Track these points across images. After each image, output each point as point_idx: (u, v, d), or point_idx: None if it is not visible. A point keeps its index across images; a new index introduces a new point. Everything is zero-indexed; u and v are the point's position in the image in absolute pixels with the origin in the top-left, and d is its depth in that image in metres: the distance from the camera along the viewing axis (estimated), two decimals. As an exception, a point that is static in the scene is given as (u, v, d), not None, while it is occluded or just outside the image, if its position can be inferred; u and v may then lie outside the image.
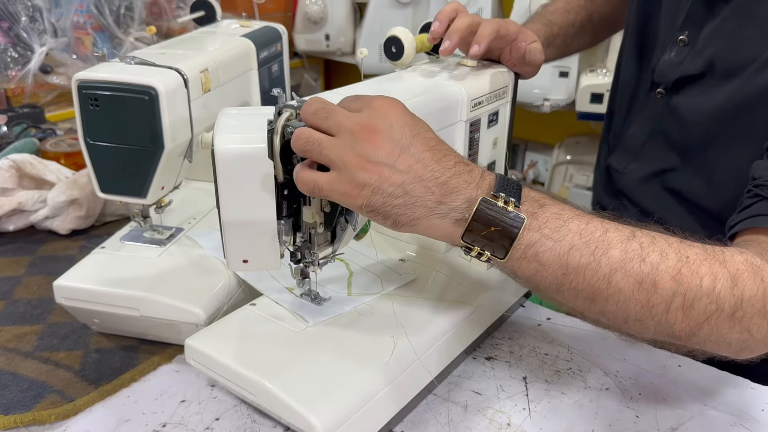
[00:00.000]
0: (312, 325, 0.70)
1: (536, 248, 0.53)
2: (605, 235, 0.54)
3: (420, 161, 0.53)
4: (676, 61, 0.86)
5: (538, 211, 0.54)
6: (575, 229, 0.54)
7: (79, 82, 0.73)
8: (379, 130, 0.54)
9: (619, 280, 0.53)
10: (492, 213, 0.52)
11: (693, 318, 0.54)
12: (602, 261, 0.53)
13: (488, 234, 0.53)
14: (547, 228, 0.53)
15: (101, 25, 1.81)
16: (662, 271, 0.53)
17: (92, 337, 0.84)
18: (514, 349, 0.84)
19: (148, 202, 0.79)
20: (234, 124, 0.62)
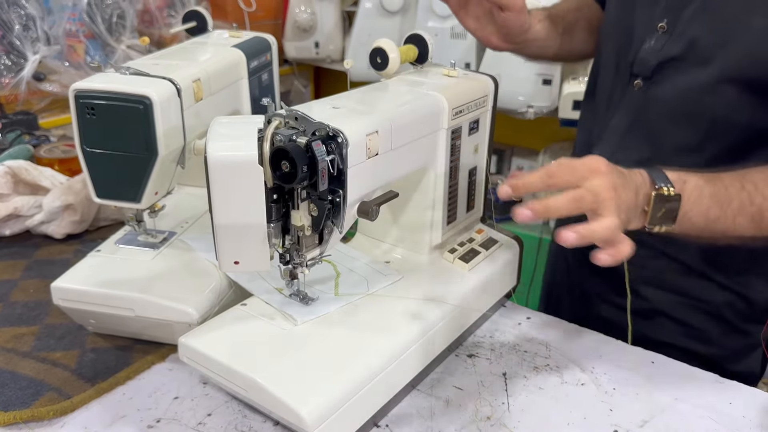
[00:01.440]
0: (300, 324, 0.73)
1: (689, 214, 0.75)
2: (727, 192, 0.76)
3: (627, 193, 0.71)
4: (656, 48, 0.89)
5: (684, 187, 0.75)
6: (708, 194, 0.76)
7: (76, 91, 0.76)
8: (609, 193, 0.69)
9: (740, 221, 0.77)
10: (662, 201, 0.73)
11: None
12: (728, 212, 0.76)
13: (662, 214, 0.74)
14: (692, 198, 0.75)
15: (93, 33, 1.84)
16: (764, 208, 0.77)
17: (88, 337, 0.86)
18: (495, 347, 0.87)
19: (143, 207, 0.82)
20: (226, 133, 0.65)
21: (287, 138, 0.65)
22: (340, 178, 0.67)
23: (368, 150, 0.69)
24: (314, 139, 0.65)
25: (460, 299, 0.82)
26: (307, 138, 0.65)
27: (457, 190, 0.88)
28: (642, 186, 0.73)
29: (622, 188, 0.70)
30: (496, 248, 0.92)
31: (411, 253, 0.88)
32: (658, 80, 0.90)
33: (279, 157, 0.64)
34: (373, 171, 0.71)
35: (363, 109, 0.73)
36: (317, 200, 0.69)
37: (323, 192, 0.67)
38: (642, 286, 0.99)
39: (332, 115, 0.69)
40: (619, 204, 0.68)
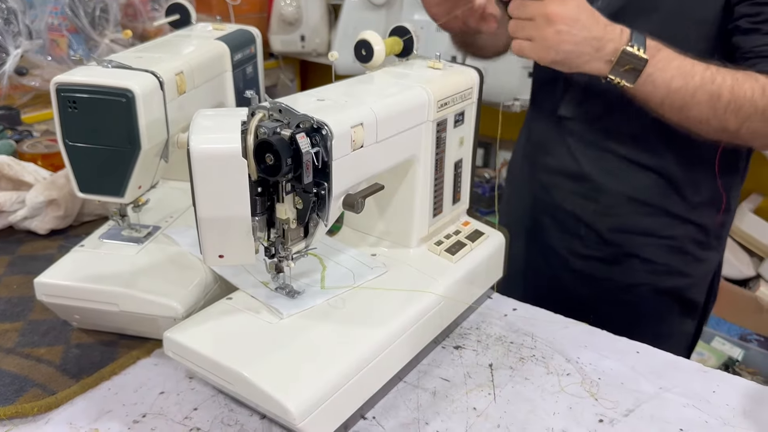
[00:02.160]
0: (286, 317, 0.73)
1: (652, 77, 0.84)
2: (693, 68, 0.85)
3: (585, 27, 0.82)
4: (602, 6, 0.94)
5: (656, 54, 0.84)
6: (675, 66, 0.85)
7: (58, 85, 0.76)
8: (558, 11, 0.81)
9: (700, 95, 0.84)
10: (629, 57, 0.83)
11: (741, 117, 0.84)
12: (690, 83, 0.84)
13: (625, 70, 0.84)
14: (660, 63, 0.84)
15: (76, 27, 1.82)
16: (724, 87, 0.84)
17: (72, 333, 0.86)
18: (481, 338, 0.87)
19: (126, 201, 0.81)
20: (209, 125, 0.65)
21: (271, 130, 0.65)
22: (324, 170, 0.67)
23: (353, 142, 0.69)
24: (298, 131, 0.65)
25: (446, 291, 0.82)
26: (291, 130, 0.65)
27: (443, 183, 0.88)
28: (614, 40, 0.83)
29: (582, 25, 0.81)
30: (482, 240, 0.92)
31: (397, 246, 0.88)
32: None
33: (263, 150, 0.64)
34: (358, 163, 0.71)
35: (348, 101, 0.72)
36: (302, 193, 0.68)
37: (308, 185, 0.67)
38: (612, 233, 1.08)
39: (317, 108, 0.69)
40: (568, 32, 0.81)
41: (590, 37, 0.82)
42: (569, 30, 0.81)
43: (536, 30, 0.82)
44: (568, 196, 1.10)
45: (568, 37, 0.81)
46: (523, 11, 0.83)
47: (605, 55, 0.83)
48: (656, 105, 0.87)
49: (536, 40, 0.82)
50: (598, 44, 0.82)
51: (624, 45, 0.82)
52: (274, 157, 0.64)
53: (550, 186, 1.12)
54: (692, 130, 0.89)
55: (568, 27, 0.80)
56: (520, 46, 0.84)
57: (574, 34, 0.81)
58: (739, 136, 0.87)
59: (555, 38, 0.81)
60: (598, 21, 0.83)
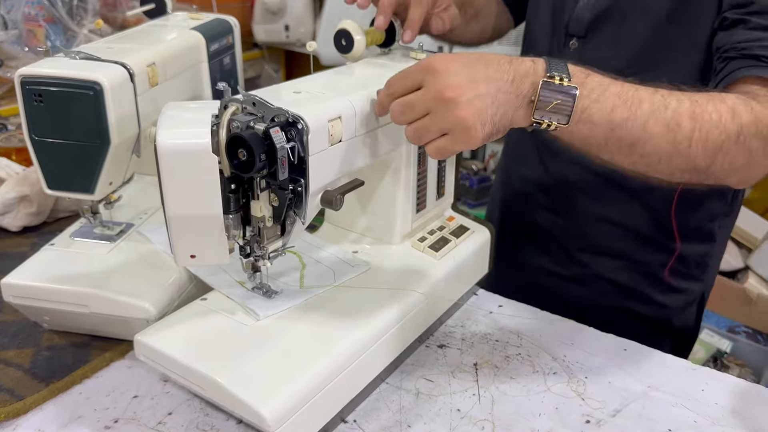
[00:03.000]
0: (262, 318, 0.70)
1: (588, 112, 0.65)
2: (636, 93, 0.66)
3: (490, 79, 0.64)
4: (589, 4, 0.89)
5: (585, 81, 0.66)
6: (614, 92, 0.66)
7: (23, 77, 0.72)
8: (453, 83, 0.63)
9: (652, 125, 0.66)
10: (551, 90, 0.64)
11: (710, 148, 0.67)
12: (638, 113, 0.66)
13: (552, 107, 0.65)
14: (594, 94, 0.65)
15: (53, 17, 1.77)
16: (681, 113, 0.66)
17: (43, 334, 0.83)
18: (466, 337, 0.85)
19: (96, 198, 0.78)
20: (177, 119, 0.62)
21: (244, 125, 0.62)
22: (301, 166, 0.64)
23: (331, 137, 0.66)
24: (273, 125, 0.62)
25: (430, 289, 0.80)
26: (265, 124, 0.62)
27: (426, 177, 0.86)
28: (529, 74, 0.65)
29: (484, 81, 0.63)
30: (467, 236, 0.89)
31: (380, 243, 0.86)
32: (593, 37, 0.90)
33: (235, 145, 0.61)
34: (337, 158, 0.68)
35: (326, 93, 0.70)
36: (278, 190, 0.66)
37: (284, 181, 0.64)
38: (581, 253, 1.01)
39: (293, 101, 0.66)
40: (476, 97, 0.63)
41: (502, 84, 0.64)
42: (476, 93, 0.62)
43: (442, 120, 0.63)
44: (538, 209, 1.04)
45: (481, 102, 0.62)
46: (411, 111, 0.65)
47: (526, 96, 0.65)
48: (600, 148, 0.68)
49: (452, 130, 0.63)
50: (514, 87, 0.64)
51: (542, 77, 0.64)
52: (246, 152, 0.61)
53: (522, 195, 1.06)
54: (653, 175, 0.71)
55: (473, 91, 0.62)
56: (439, 147, 0.65)
57: (484, 93, 0.63)
58: (712, 174, 0.69)
59: (470, 113, 0.62)
60: (499, 62, 0.65)
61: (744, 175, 0.71)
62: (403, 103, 0.66)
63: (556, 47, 0.95)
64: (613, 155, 0.69)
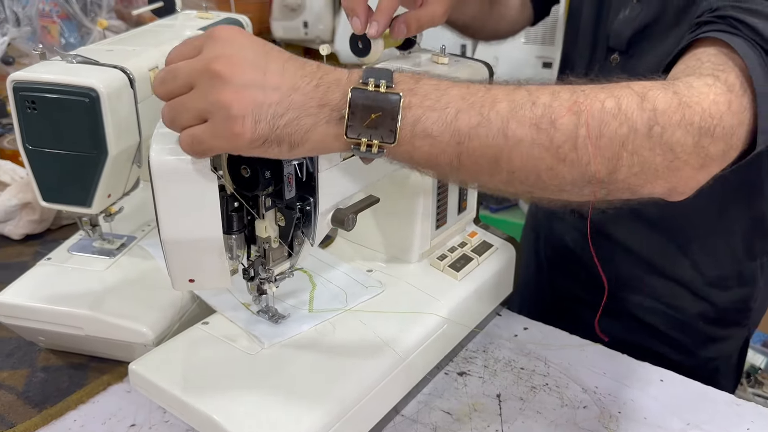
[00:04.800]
0: (267, 347, 0.65)
1: (423, 123, 0.49)
2: (489, 93, 0.50)
3: (286, 73, 0.49)
4: (630, 17, 0.82)
5: (415, 87, 0.50)
6: (457, 95, 0.49)
7: (15, 83, 0.68)
8: (231, 56, 0.48)
9: (515, 129, 0.49)
10: (366, 99, 0.48)
11: (606, 147, 0.49)
12: (491, 116, 0.49)
13: (370, 122, 0.48)
14: (428, 100, 0.49)
15: (67, 14, 1.73)
16: (557, 107, 0.49)
17: (40, 353, 0.78)
18: (489, 363, 0.79)
19: (93, 212, 0.73)
20: (174, 133, 0.56)
21: (248, 138, 0.57)
22: (309, 183, 0.58)
23: (343, 151, 0.60)
24: (279, 139, 0.56)
25: (451, 313, 0.74)
26: (271, 138, 0.56)
27: (447, 190, 0.80)
28: (341, 83, 0.49)
29: (276, 73, 0.48)
30: (490, 253, 0.83)
31: (396, 261, 0.80)
32: (635, 53, 0.82)
33: (238, 161, 0.56)
34: (349, 174, 0.62)
35: (338, 102, 0.63)
36: (284, 209, 0.60)
37: (291, 200, 0.58)
38: (611, 284, 0.90)
39: (302, 111, 0.60)
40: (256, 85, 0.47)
41: (301, 85, 0.48)
42: (259, 80, 0.47)
43: (202, 99, 0.48)
44: (569, 230, 0.96)
45: (262, 94, 0.47)
46: (172, 81, 0.49)
47: (334, 108, 0.48)
48: (453, 168, 0.51)
49: (212, 115, 0.48)
50: (318, 93, 0.48)
51: (354, 84, 0.49)
52: (250, 169, 0.55)
53: (553, 211, 0.99)
54: (539, 196, 0.53)
55: (254, 75, 0.47)
56: (192, 136, 0.49)
57: (271, 86, 0.47)
58: (621, 183, 0.51)
59: (240, 99, 0.47)
60: (305, 63, 0.50)
61: (672, 181, 0.52)
62: (166, 71, 0.50)
63: (597, 61, 0.87)
64: (475, 176, 0.52)
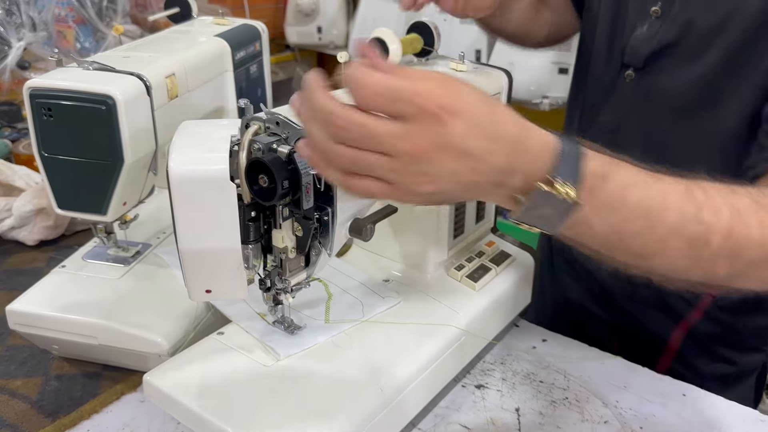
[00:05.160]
0: (283, 358, 0.64)
1: (589, 220, 0.50)
2: (665, 200, 0.52)
3: (481, 161, 0.47)
4: (648, 35, 0.79)
5: (600, 186, 0.50)
6: (635, 200, 0.51)
7: (31, 90, 0.67)
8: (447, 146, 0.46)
9: (672, 242, 0.52)
10: (547, 201, 0.49)
11: (737, 266, 0.54)
12: (658, 225, 0.52)
13: (540, 214, 0.50)
14: (604, 207, 0.50)
15: (83, 18, 1.74)
16: (715, 231, 0.52)
17: (53, 361, 0.78)
18: (507, 376, 0.78)
19: (109, 219, 0.72)
20: (193, 141, 0.56)
21: (267, 147, 0.56)
22: (327, 193, 0.57)
23: (361, 160, 0.59)
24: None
25: (468, 325, 0.73)
26: (289, 147, 0.55)
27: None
28: (524, 168, 0.48)
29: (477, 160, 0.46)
30: (508, 263, 0.82)
31: (413, 271, 0.79)
32: (652, 71, 0.80)
33: (256, 170, 0.55)
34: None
35: (357, 110, 0.63)
36: (302, 219, 0.59)
37: (308, 210, 0.57)
38: (629, 303, 0.91)
39: (320, 119, 0.59)
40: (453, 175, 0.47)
41: (490, 175, 0.48)
42: (454, 168, 0.46)
43: (399, 174, 0.46)
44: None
45: (453, 181, 0.47)
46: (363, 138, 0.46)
47: (509, 190, 0.49)
48: (596, 249, 0.54)
49: (397, 186, 0.47)
50: (502, 177, 0.48)
51: (538, 179, 0.48)
52: (268, 178, 0.55)
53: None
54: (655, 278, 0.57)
55: (454, 164, 0.46)
56: (365, 189, 0.48)
57: (461, 174, 0.47)
58: (733, 284, 0.57)
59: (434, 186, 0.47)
60: (503, 137, 0.47)
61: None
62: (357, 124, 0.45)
63: (611, 75, 0.85)
64: (612, 257, 0.55)
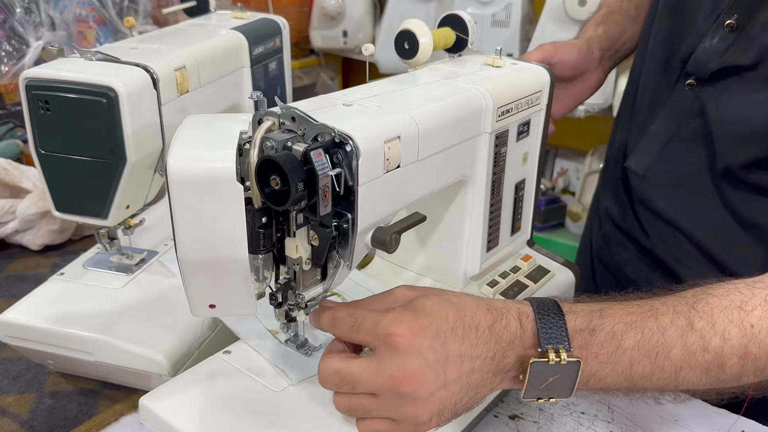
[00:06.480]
0: (295, 383, 0.57)
1: (598, 376, 0.53)
2: (663, 338, 0.53)
3: (464, 358, 0.50)
4: (719, 48, 0.71)
5: (591, 341, 0.52)
6: (632, 345, 0.52)
7: (28, 80, 0.62)
8: (414, 373, 0.49)
9: (686, 374, 0.53)
10: (546, 370, 0.51)
11: (763, 376, 0.55)
12: (665, 365, 0.53)
13: (548, 384, 0.52)
14: (604, 356, 0.52)
15: (103, 18, 1.70)
16: (727, 354, 0.53)
17: (49, 377, 0.72)
18: (544, 406, 0.70)
19: (110, 224, 0.66)
20: (197, 136, 0.49)
21: (281, 144, 0.49)
22: (348, 198, 0.51)
23: (387, 161, 0.52)
24: (315, 146, 0.49)
25: (502, 348, 0.65)
26: (305, 145, 0.49)
27: (501, 209, 0.71)
28: (515, 344, 0.51)
29: (455, 362, 0.49)
30: (547, 280, 0.74)
31: (441, 286, 0.71)
32: (718, 85, 0.73)
33: (267, 170, 0.48)
34: (393, 188, 0.54)
35: (383, 107, 0.56)
36: (318, 227, 0.52)
37: (326, 216, 0.51)
38: None
39: (341, 115, 0.53)
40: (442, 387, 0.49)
41: (478, 364, 0.50)
42: (443, 380, 0.49)
43: (390, 410, 0.50)
44: (631, 261, 0.87)
45: (446, 391, 0.49)
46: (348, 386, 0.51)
47: (510, 370, 0.52)
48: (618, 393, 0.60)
49: (400, 422, 0.51)
50: (494, 364, 0.51)
51: (531, 353, 0.51)
52: (280, 180, 0.48)
53: (611, 241, 0.91)
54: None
55: (439, 378, 0.49)
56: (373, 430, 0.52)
57: (453, 379, 0.49)
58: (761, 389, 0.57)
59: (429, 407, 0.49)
60: (477, 331, 0.51)
61: None
62: (339, 376, 0.51)
63: (666, 84, 0.78)
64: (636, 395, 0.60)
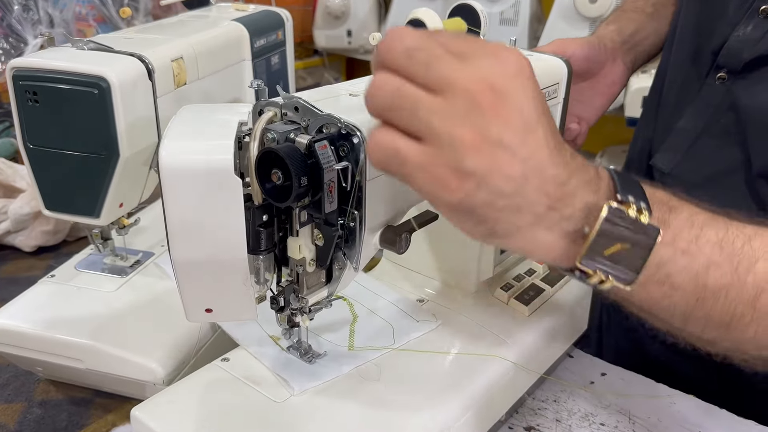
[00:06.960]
0: (298, 393, 0.53)
1: (668, 268, 0.41)
2: (749, 245, 0.42)
3: (545, 147, 0.38)
4: (753, 37, 0.67)
5: (669, 218, 0.41)
6: (714, 239, 0.42)
7: (15, 70, 0.58)
8: (509, 96, 0.37)
9: (765, 301, 0.42)
10: (622, 226, 0.39)
11: None
12: (747, 280, 0.41)
13: (614, 255, 0.39)
14: (682, 240, 0.41)
15: (103, 17, 1.67)
16: None
17: (39, 384, 0.68)
18: (561, 416, 0.66)
19: (102, 223, 0.63)
20: (192, 128, 0.46)
21: (283, 136, 0.46)
22: (355, 194, 0.47)
23: (397, 155, 0.49)
24: (319, 138, 0.45)
25: (518, 355, 0.61)
26: (309, 137, 0.45)
27: (515, 208, 0.68)
28: (589, 186, 0.39)
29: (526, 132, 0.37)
30: (563, 284, 0.71)
31: (452, 290, 0.68)
32: (751, 77, 0.68)
33: (268, 164, 0.45)
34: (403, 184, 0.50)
35: (392, 97, 0.52)
36: (323, 225, 0.49)
37: (331, 214, 0.47)
38: None
39: (348, 106, 0.49)
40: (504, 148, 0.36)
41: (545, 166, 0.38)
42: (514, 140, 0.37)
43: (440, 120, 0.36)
44: None
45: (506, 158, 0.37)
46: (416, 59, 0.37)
47: (570, 220, 0.39)
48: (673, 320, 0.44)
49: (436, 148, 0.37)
50: (559, 192, 0.38)
51: (605, 199, 0.39)
52: (282, 174, 0.44)
53: None
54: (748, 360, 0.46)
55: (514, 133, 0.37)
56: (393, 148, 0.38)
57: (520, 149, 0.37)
58: None
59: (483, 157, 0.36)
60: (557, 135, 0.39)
61: None
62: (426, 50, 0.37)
63: (695, 78, 0.74)
64: (695, 333, 0.44)
